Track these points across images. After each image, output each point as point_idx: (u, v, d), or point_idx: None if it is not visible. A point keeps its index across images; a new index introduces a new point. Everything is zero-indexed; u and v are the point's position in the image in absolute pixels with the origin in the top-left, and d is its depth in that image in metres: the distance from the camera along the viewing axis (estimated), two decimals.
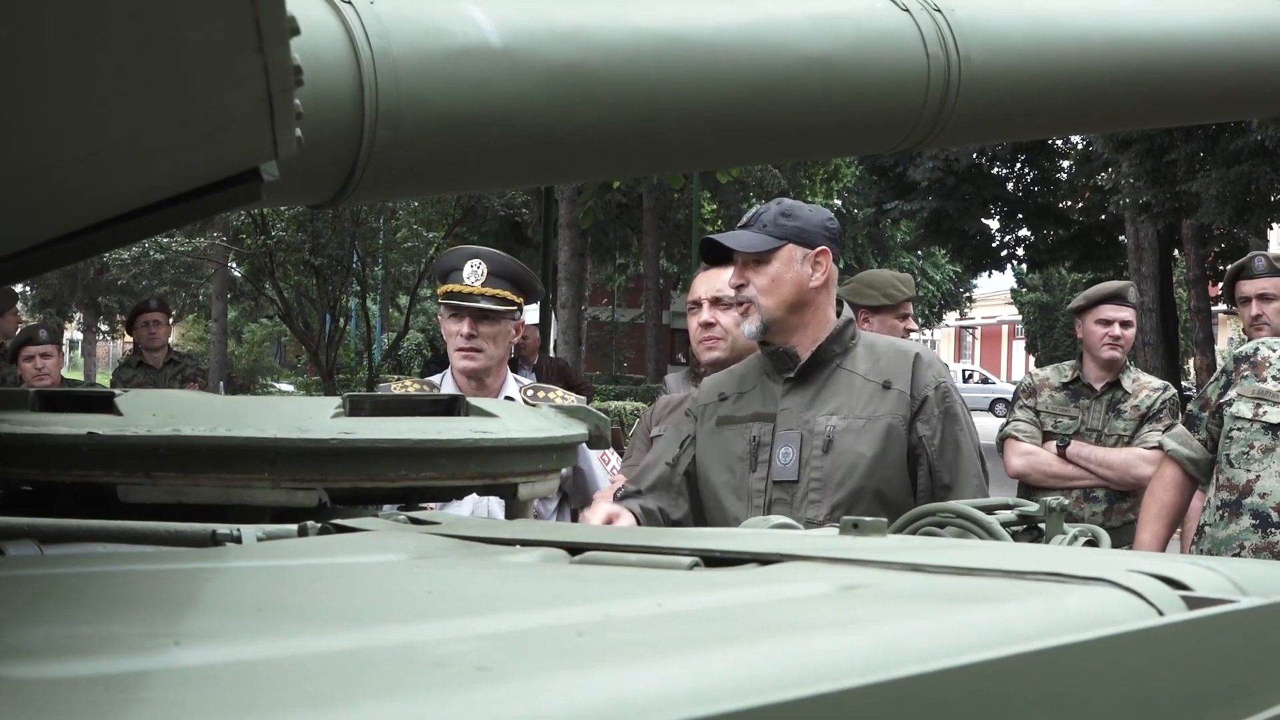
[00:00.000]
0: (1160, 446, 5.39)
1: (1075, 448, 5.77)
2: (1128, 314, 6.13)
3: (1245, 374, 4.65)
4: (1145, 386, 6.08)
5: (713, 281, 4.26)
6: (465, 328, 4.35)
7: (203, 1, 1.07)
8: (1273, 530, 4.47)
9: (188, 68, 1.17)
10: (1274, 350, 4.68)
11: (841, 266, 4.23)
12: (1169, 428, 5.19)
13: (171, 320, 11.01)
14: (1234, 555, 4.45)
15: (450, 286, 4.38)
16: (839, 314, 3.76)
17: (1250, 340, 5.08)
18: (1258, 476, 4.52)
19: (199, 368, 10.93)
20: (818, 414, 3.65)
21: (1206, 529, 4.66)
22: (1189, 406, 5.04)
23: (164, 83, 1.19)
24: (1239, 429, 4.59)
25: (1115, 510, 5.81)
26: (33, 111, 1.14)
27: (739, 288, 3.72)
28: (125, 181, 1.45)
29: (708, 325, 4.26)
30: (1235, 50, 3.66)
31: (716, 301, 4.23)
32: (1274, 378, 4.59)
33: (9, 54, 0.99)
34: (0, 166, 1.22)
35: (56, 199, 1.43)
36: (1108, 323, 6.07)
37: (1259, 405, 4.56)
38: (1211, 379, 4.92)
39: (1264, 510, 4.48)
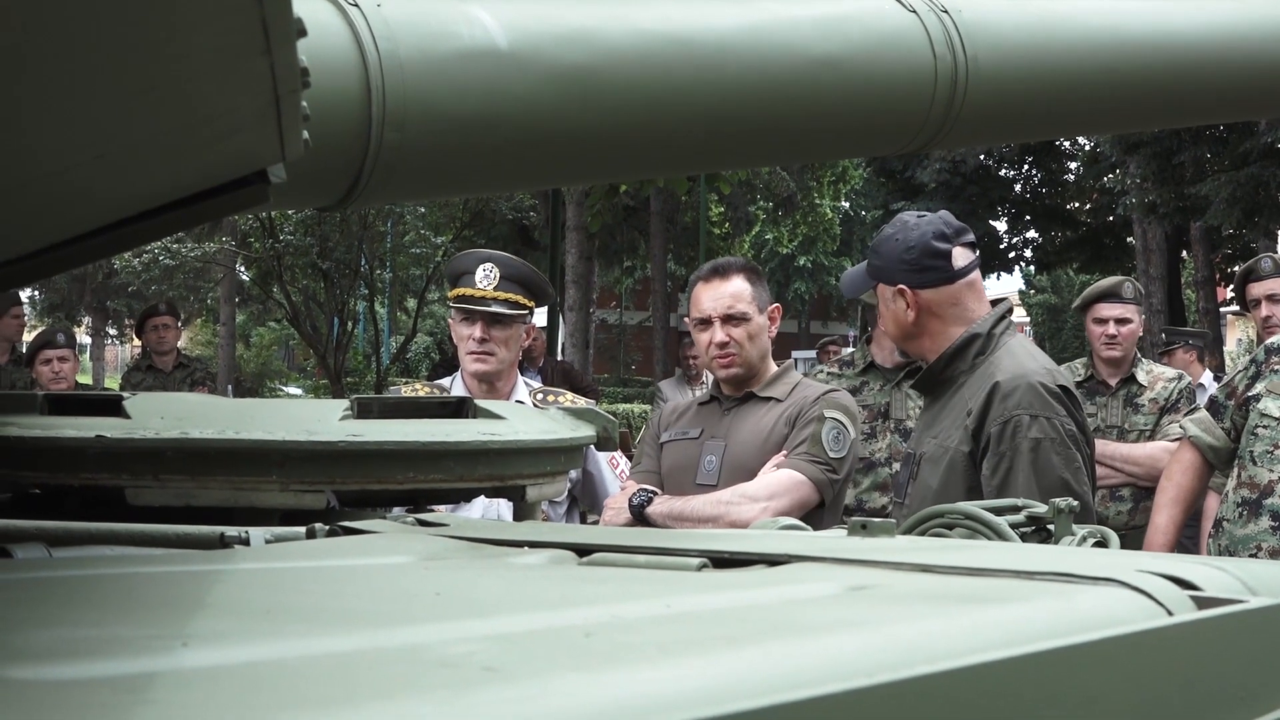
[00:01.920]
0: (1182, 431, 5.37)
1: (1100, 446, 5.74)
2: (1122, 310, 6.10)
3: (1276, 368, 4.59)
4: (1160, 378, 6.07)
5: (719, 297, 4.21)
6: (477, 331, 4.36)
7: (209, 4, 1.07)
8: None
9: (194, 71, 1.17)
10: None
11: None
12: (1189, 413, 5.16)
13: (180, 324, 11.02)
14: (1250, 555, 4.42)
15: (462, 290, 4.38)
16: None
17: (1263, 343, 5.05)
18: None
19: (208, 371, 10.94)
20: (929, 435, 3.65)
21: (1225, 524, 4.63)
22: (1214, 392, 4.99)
23: (171, 86, 1.19)
24: (1265, 427, 4.55)
25: (1141, 508, 5.76)
26: (40, 115, 1.14)
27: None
28: (132, 185, 1.45)
29: (723, 345, 4.21)
30: (1244, 51, 3.65)
31: (728, 319, 4.20)
32: None
33: (16, 58, 1.00)
34: (7, 170, 1.22)
35: (64, 202, 1.43)
36: (1103, 321, 6.05)
37: None
38: (1240, 367, 4.86)
39: None
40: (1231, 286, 6.42)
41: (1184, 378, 6.14)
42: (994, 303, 3.78)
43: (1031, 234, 32.15)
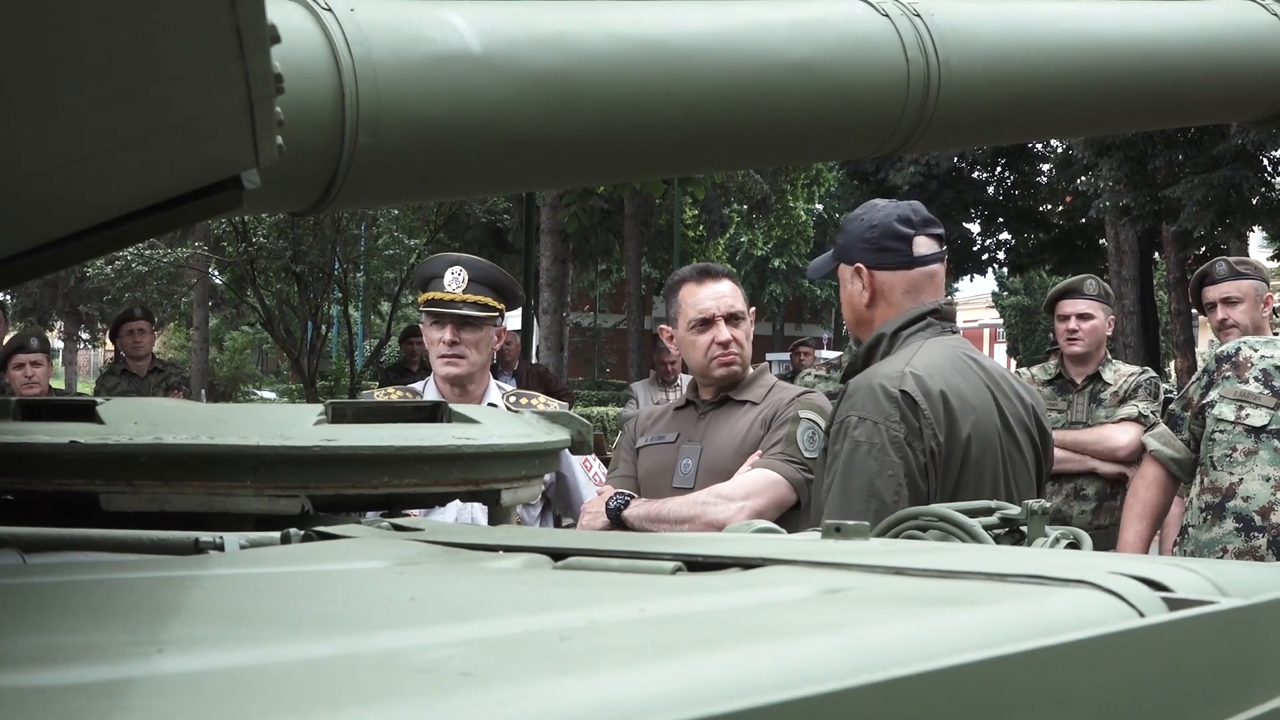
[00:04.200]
0: (1140, 420, 5.41)
1: (1057, 436, 5.76)
2: (1084, 306, 6.16)
3: (1227, 374, 4.64)
4: (1123, 375, 6.13)
5: (719, 296, 4.22)
6: (448, 334, 4.36)
7: (183, 10, 1.07)
8: (1255, 534, 4.47)
9: (169, 76, 1.17)
10: (1255, 350, 4.68)
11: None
12: (1154, 414, 5.21)
13: (155, 329, 11.01)
14: (1216, 558, 4.45)
15: (431, 294, 4.38)
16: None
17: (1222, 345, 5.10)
18: (1241, 480, 4.52)
19: (182, 376, 10.93)
20: None
21: (1190, 530, 4.66)
22: (1171, 406, 5.06)
23: (145, 91, 1.18)
24: (1221, 431, 4.59)
25: (1105, 508, 5.81)
26: (13, 120, 1.13)
27: None
28: (106, 189, 1.45)
29: (726, 344, 4.20)
30: (1211, 55, 3.67)
31: (730, 318, 4.21)
32: (1255, 379, 4.59)
33: None
34: None
35: (37, 207, 1.42)
36: (1065, 317, 6.12)
37: (1241, 408, 4.56)
38: (1193, 378, 4.92)
39: (1247, 514, 4.48)
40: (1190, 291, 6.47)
41: (1146, 370, 6.20)
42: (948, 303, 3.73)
43: (1004, 236, 32.25)
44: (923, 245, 3.59)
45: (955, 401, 3.37)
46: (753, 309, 4.36)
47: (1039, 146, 29.24)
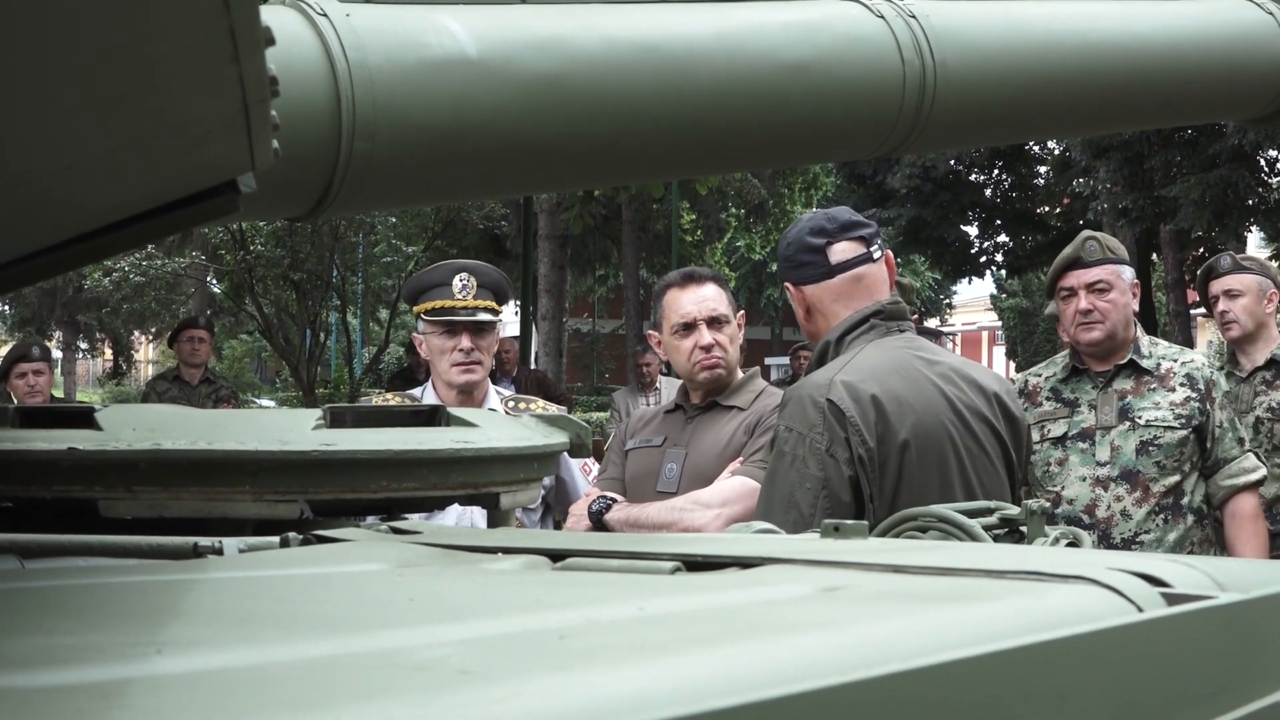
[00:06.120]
0: None
1: None
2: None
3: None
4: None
5: (701, 300, 4.23)
6: (464, 342, 4.36)
7: (177, 13, 1.07)
8: None
9: (163, 79, 1.17)
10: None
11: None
12: None
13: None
14: None
15: (440, 302, 4.38)
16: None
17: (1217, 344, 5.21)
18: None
19: (233, 390, 10.96)
20: None
21: None
22: None
23: (139, 95, 1.18)
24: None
25: None
26: (9, 124, 1.13)
27: None
28: (101, 195, 1.45)
29: (709, 347, 4.22)
30: (1207, 54, 3.68)
31: (712, 321, 4.22)
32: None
33: None
34: None
35: (32, 214, 1.42)
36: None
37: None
38: None
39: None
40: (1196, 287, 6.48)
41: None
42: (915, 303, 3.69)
43: (1002, 238, 32.21)
44: (841, 252, 3.51)
45: (890, 404, 3.31)
46: (741, 313, 4.37)
47: (1036, 148, 29.23)
